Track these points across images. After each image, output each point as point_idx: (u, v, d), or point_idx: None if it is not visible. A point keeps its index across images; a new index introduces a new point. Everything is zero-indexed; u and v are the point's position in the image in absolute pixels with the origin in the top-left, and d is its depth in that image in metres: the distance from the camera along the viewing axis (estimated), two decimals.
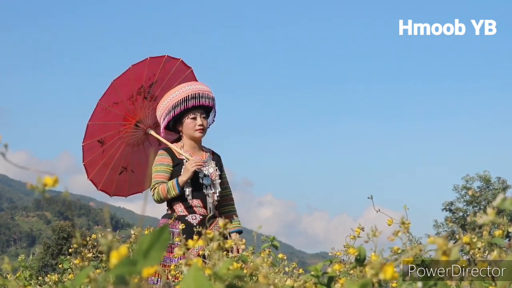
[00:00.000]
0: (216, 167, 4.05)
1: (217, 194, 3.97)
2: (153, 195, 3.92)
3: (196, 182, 3.93)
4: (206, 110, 4.07)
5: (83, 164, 4.37)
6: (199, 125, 4.00)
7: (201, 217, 3.88)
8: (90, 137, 4.30)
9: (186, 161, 3.93)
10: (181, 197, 3.91)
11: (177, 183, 3.85)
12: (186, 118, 4.01)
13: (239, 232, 4.03)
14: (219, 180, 4.02)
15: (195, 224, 3.80)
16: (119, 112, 4.30)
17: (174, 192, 3.85)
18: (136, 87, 4.26)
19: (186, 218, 3.88)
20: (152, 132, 4.30)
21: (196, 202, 3.91)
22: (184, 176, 3.86)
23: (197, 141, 4.06)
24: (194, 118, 4.00)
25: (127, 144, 4.41)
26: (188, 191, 3.90)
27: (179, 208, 3.92)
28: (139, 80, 4.24)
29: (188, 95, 3.97)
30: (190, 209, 3.91)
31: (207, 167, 4.00)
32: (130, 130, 4.37)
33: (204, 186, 3.95)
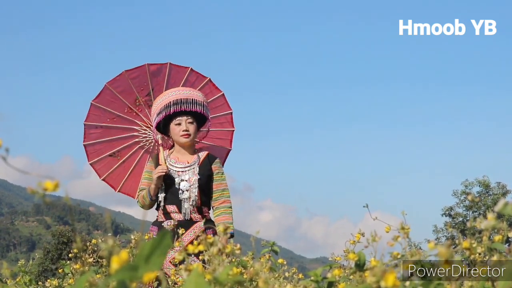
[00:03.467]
0: (197, 172, 4.01)
1: (193, 199, 3.95)
2: (137, 202, 4.05)
3: (173, 187, 3.96)
4: (195, 115, 4.07)
5: (102, 179, 4.47)
6: (183, 131, 4.01)
7: (176, 222, 3.89)
8: (96, 155, 4.41)
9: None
10: (159, 203, 4.00)
11: (148, 191, 3.95)
12: (171, 123, 4.04)
13: (230, 235, 3.99)
14: (197, 184, 3.97)
15: (169, 230, 3.79)
16: (127, 125, 4.38)
17: (147, 199, 3.96)
18: (131, 100, 4.32)
19: (163, 224, 3.95)
20: (157, 137, 4.33)
21: (172, 208, 3.95)
22: (152, 184, 3.94)
23: (185, 146, 4.07)
24: (179, 124, 4.02)
25: (146, 151, 4.46)
26: (161, 197, 3.96)
27: (160, 214, 4.01)
28: (130, 93, 4.30)
29: (170, 102, 3.99)
30: (167, 215, 3.96)
31: (187, 172, 4.00)
32: (150, 137, 4.41)
33: (181, 191, 3.95)
